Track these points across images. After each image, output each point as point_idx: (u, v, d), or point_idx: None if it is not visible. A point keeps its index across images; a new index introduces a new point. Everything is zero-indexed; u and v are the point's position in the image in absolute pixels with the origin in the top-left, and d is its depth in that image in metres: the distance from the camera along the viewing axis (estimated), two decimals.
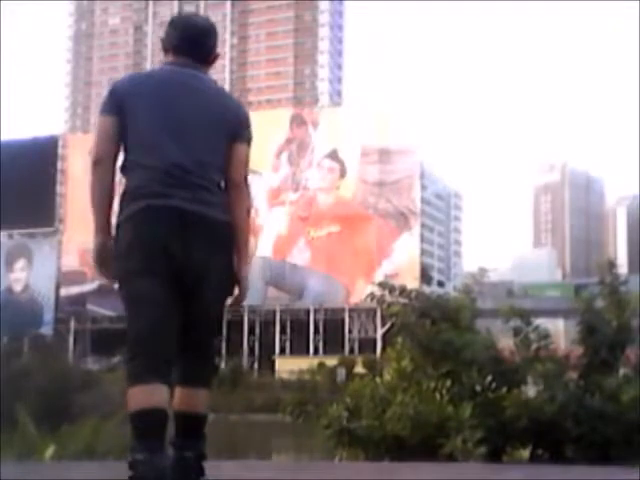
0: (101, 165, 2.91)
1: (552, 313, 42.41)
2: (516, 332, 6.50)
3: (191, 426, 2.91)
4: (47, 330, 71.34)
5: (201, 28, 3.09)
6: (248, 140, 3.03)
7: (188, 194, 2.81)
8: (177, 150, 2.84)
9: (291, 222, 70.54)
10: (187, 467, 2.85)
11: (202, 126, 2.90)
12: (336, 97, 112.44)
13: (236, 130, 2.97)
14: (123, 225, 2.87)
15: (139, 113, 2.87)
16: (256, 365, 65.77)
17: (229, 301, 3.02)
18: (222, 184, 2.95)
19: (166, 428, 2.75)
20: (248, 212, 3.01)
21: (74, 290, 76.31)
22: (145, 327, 2.84)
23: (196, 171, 2.84)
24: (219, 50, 3.16)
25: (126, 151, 2.89)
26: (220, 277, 2.88)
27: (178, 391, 2.92)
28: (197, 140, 2.88)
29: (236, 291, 3.00)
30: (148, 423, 2.71)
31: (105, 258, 2.97)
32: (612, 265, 6.84)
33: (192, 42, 3.03)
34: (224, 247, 2.89)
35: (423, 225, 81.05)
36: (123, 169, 2.93)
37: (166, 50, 3.12)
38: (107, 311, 75.17)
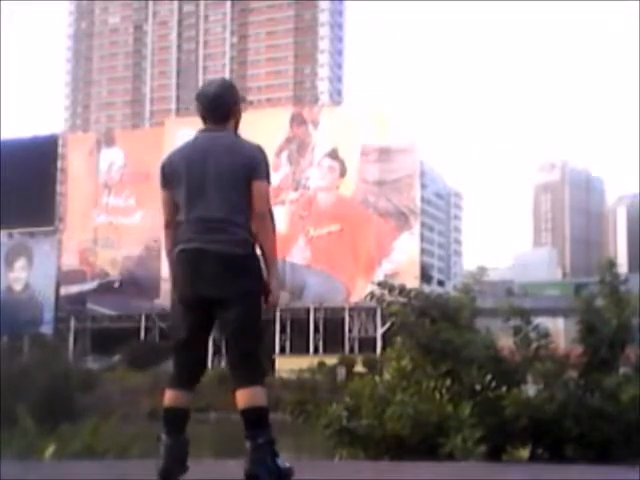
0: (168, 228, 3.82)
1: (552, 312, 42.33)
2: (516, 331, 6.50)
3: (251, 418, 3.55)
4: (47, 329, 71.31)
5: (213, 96, 3.80)
6: (266, 175, 3.69)
7: (207, 237, 3.62)
8: (201, 206, 3.65)
9: (291, 221, 70.51)
10: (262, 451, 3.50)
11: (221, 179, 3.65)
12: (336, 96, 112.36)
13: (252, 171, 3.65)
14: (172, 264, 3.79)
15: (177, 184, 3.72)
16: None
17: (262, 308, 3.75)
18: (246, 221, 3.65)
19: (182, 421, 3.70)
20: (273, 237, 3.71)
21: (74, 289, 76.35)
22: (176, 347, 3.78)
23: (215, 219, 3.63)
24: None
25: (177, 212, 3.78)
26: (241, 297, 3.61)
27: (236, 394, 3.59)
28: (216, 193, 3.64)
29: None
30: (169, 416, 3.69)
31: None
32: (612, 264, 6.85)
33: (209, 110, 3.80)
34: (241, 274, 3.61)
35: (423, 224, 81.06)
36: (177, 225, 3.79)
37: (201, 118, 3.87)
38: (107, 310, 75.30)
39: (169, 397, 3.70)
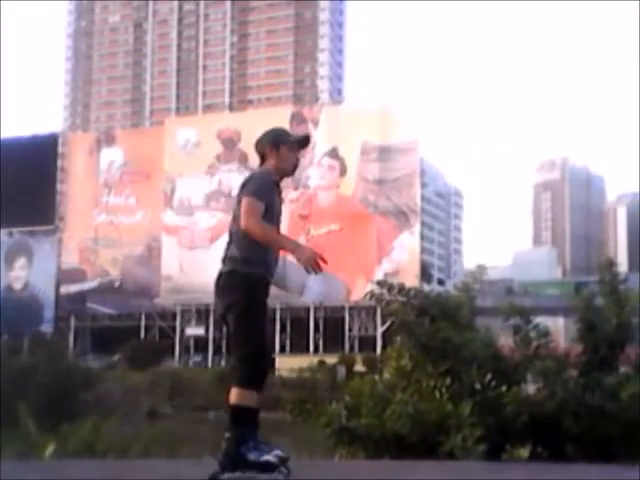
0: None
1: (552, 311, 42.28)
2: (516, 330, 6.50)
3: (230, 413, 4.04)
4: (47, 328, 71.32)
5: (256, 141, 4.38)
6: (253, 192, 4.08)
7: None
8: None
9: (291, 220, 70.46)
10: (228, 443, 3.99)
11: (236, 207, 4.18)
12: (336, 95, 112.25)
13: (242, 190, 4.15)
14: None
15: None
16: None
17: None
18: (242, 238, 4.09)
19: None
20: (269, 233, 4.10)
21: (74, 288, 76.42)
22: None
23: (230, 242, 4.22)
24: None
25: None
26: (227, 311, 4.12)
27: None
28: (233, 220, 4.20)
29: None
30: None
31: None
32: (612, 263, 6.85)
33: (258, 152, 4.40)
34: (225, 289, 4.14)
35: (423, 223, 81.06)
36: None
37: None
38: (107, 309, 75.36)
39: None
